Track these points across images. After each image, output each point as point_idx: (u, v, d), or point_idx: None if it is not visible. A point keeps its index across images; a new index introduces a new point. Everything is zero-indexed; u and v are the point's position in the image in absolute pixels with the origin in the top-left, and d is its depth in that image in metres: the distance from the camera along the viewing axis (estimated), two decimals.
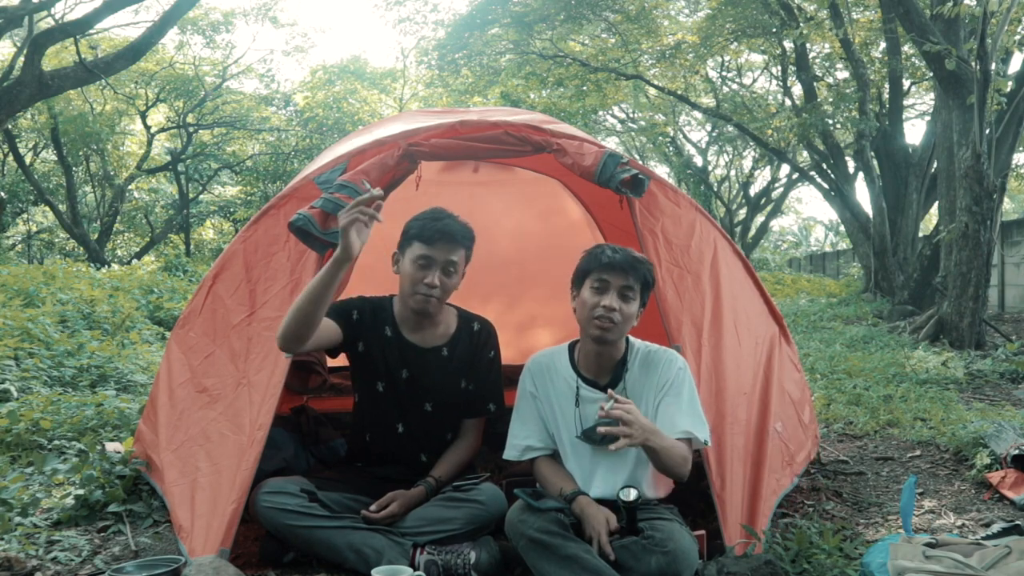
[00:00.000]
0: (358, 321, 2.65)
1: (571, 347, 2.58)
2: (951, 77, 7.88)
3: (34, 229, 24.47)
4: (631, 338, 2.54)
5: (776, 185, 24.86)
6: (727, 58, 18.16)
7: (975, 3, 7.52)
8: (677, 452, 2.28)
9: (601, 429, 2.23)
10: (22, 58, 10.18)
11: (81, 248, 18.92)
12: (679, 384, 2.41)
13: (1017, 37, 10.63)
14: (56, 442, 3.61)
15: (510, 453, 2.57)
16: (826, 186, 14.42)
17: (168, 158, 21.17)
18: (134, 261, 17.50)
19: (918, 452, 4.02)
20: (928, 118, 14.06)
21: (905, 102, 15.09)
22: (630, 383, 2.48)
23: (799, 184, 23.26)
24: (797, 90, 15.92)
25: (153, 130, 20.29)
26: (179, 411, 2.65)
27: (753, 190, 25.72)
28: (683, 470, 2.31)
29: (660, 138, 22.47)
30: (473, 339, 2.76)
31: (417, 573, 2.23)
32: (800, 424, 3.06)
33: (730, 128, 18.66)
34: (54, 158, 19.66)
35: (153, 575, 2.12)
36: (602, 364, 2.50)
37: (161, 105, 20.08)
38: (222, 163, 22.19)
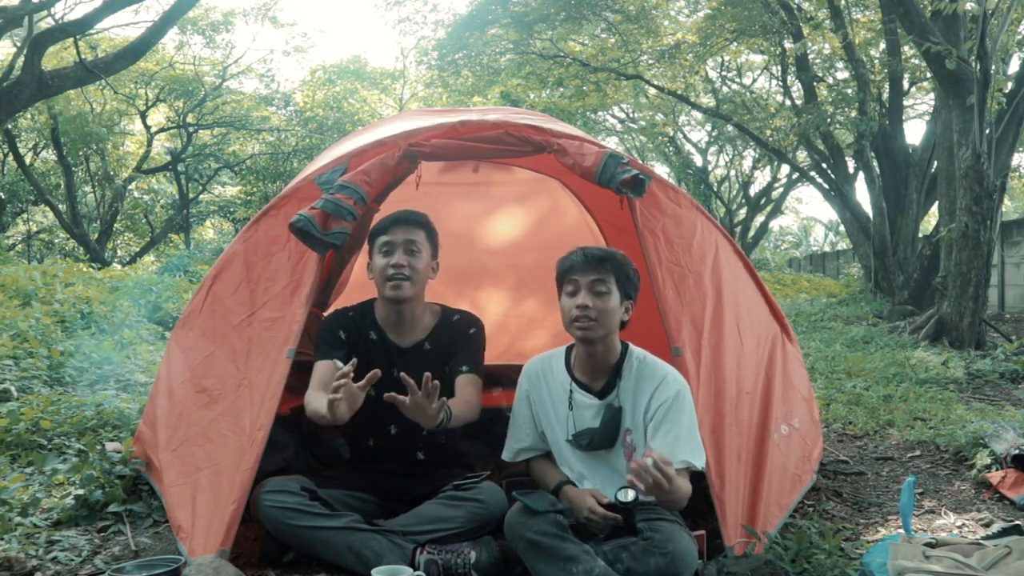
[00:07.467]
0: (347, 339, 2.71)
1: (568, 350, 2.60)
2: (951, 77, 7.88)
3: (34, 229, 24.46)
4: (630, 345, 2.54)
5: (776, 185, 24.82)
6: (727, 58, 18.14)
7: (974, 4, 7.52)
8: (683, 491, 2.26)
9: (629, 477, 2.13)
10: (22, 58, 10.17)
11: (81, 248, 18.90)
12: (679, 409, 2.38)
13: (1017, 37, 10.65)
14: (56, 442, 3.60)
15: (506, 455, 2.64)
16: (826, 186, 14.40)
17: (168, 158, 21.15)
18: (136, 260, 17.51)
19: (918, 452, 4.02)
20: (928, 118, 14.04)
21: (905, 102, 15.06)
22: (623, 391, 2.47)
23: (799, 184, 23.23)
24: (797, 90, 15.90)
25: (153, 130, 20.27)
26: (178, 411, 2.64)
27: (753, 190, 25.69)
28: (683, 504, 2.31)
29: (660, 138, 22.46)
30: (453, 328, 2.79)
31: (417, 573, 2.23)
32: (812, 420, 3.07)
33: (730, 128, 18.64)
34: (54, 158, 19.63)
35: (153, 575, 2.12)
36: (596, 368, 2.51)
37: (161, 105, 20.05)
38: (222, 163, 22.17)
